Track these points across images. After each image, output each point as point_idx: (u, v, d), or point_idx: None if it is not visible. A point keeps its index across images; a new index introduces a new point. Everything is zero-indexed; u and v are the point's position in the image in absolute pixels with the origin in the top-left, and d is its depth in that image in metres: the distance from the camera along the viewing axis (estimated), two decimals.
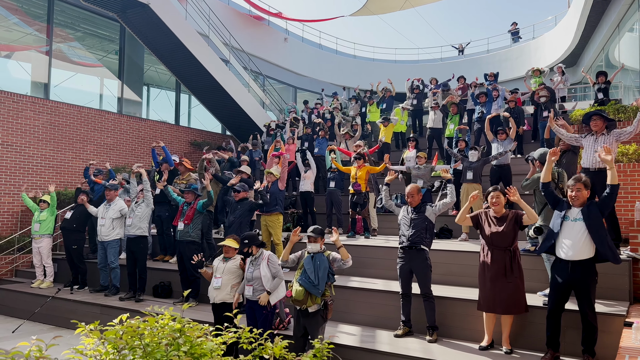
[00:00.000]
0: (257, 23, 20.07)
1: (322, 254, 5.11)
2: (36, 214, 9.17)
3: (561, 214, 4.71)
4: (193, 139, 16.27)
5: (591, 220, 4.49)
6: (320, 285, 4.89)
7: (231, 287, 5.78)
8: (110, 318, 7.46)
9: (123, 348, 2.05)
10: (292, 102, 20.25)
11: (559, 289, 4.62)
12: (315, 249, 5.11)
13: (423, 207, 5.74)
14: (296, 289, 4.96)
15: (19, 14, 12.29)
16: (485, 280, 5.09)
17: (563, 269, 4.58)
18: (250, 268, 5.59)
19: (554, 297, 4.66)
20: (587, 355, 4.51)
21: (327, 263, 5.04)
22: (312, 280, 4.90)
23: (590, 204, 4.60)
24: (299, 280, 4.99)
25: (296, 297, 4.93)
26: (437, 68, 23.99)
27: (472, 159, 8.69)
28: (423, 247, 5.57)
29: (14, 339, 7.18)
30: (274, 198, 7.97)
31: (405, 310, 5.76)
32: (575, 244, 4.51)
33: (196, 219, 7.50)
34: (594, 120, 6.07)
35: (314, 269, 4.95)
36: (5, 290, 9.02)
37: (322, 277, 4.92)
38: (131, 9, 12.40)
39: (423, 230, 5.61)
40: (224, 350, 2.31)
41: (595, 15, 16.29)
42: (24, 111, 11.63)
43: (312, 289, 4.88)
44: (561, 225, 4.64)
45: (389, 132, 12.09)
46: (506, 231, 5.02)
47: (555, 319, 4.67)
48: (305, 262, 5.09)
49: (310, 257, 5.08)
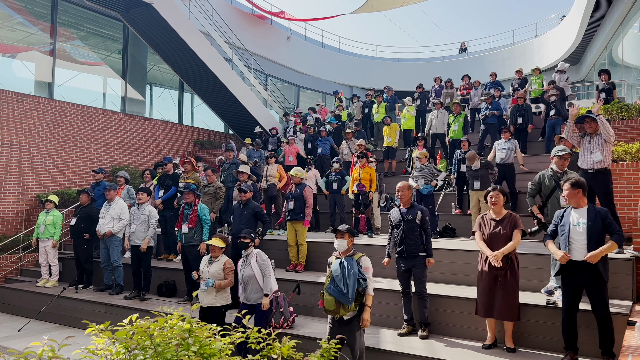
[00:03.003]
0: (260, 22, 20.09)
1: (352, 258, 4.71)
2: (42, 216, 9.20)
3: (565, 218, 4.74)
4: (196, 138, 16.31)
5: (594, 228, 4.54)
6: (349, 292, 4.51)
7: (216, 291, 5.75)
8: (116, 317, 7.51)
9: (134, 348, 2.08)
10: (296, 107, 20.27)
11: (571, 289, 4.64)
12: (343, 246, 4.74)
13: (414, 210, 5.70)
14: (326, 298, 4.62)
15: (23, 14, 12.34)
16: (481, 285, 5.17)
17: (573, 270, 4.60)
18: (242, 267, 5.63)
19: (568, 299, 4.68)
20: (607, 357, 4.52)
21: (356, 268, 4.63)
22: (340, 289, 4.54)
23: (596, 214, 4.60)
24: (327, 289, 4.63)
25: (327, 307, 4.61)
26: (439, 66, 23.98)
27: (474, 167, 8.59)
28: (421, 254, 5.64)
29: (20, 337, 7.23)
30: (299, 206, 7.88)
31: (407, 308, 5.82)
32: (581, 246, 4.55)
33: (199, 222, 7.49)
34: (587, 122, 6.12)
35: (342, 276, 4.58)
36: (11, 289, 9.08)
37: (352, 284, 4.55)
38: (134, 8, 12.43)
39: (417, 238, 5.64)
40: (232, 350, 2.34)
41: (598, 13, 16.26)
42: (28, 111, 11.68)
43: (342, 297, 4.52)
44: (569, 228, 4.66)
45: (393, 133, 12.04)
46: (504, 234, 5.05)
47: (571, 320, 4.68)
48: (333, 268, 4.68)
49: (339, 262, 4.67)
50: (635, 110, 8.96)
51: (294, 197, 7.93)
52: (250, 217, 7.25)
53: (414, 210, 5.71)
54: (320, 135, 12.51)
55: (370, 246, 7.59)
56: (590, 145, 6.12)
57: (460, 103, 11.88)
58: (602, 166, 5.97)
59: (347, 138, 12.02)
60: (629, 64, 15.72)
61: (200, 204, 7.59)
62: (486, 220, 5.26)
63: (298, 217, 7.85)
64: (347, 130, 12.29)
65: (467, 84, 14.73)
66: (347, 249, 4.78)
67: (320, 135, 12.51)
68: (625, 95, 14.71)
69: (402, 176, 11.51)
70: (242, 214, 7.30)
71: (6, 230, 11.06)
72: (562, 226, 4.73)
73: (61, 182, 12.18)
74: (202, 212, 7.51)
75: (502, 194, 5.20)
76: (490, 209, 5.29)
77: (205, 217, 7.51)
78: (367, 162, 9.10)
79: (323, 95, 23.72)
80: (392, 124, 12.17)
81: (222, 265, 5.74)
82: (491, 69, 18.32)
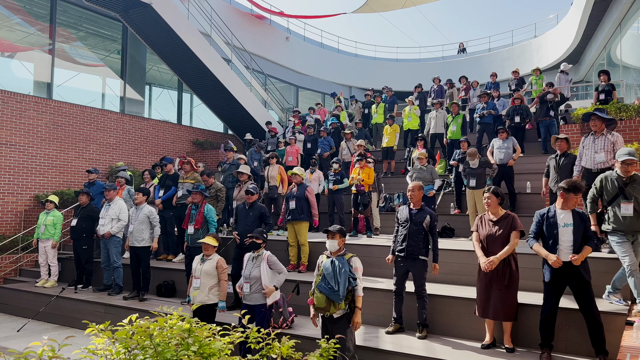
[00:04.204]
0: (259, 22, 20.10)
1: (343, 257, 4.77)
2: (42, 216, 9.19)
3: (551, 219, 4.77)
4: (195, 138, 16.31)
5: (578, 230, 4.61)
6: (340, 290, 4.58)
7: (209, 289, 5.77)
8: (115, 317, 7.51)
9: (134, 348, 2.09)
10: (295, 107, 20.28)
11: (556, 289, 4.72)
12: (334, 246, 4.79)
13: (423, 213, 5.70)
14: (317, 296, 4.68)
15: (21, 14, 12.33)
16: (480, 285, 5.19)
17: (560, 270, 4.66)
18: (250, 265, 5.62)
19: (552, 298, 4.74)
20: (602, 355, 4.55)
21: (347, 266, 4.70)
22: (332, 286, 4.60)
23: (580, 216, 4.66)
24: (318, 287, 4.69)
25: (318, 304, 4.66)
26: (438, 67, 23.99)
27: (473, 165, 8.60)
28: (422, 257, 5.64)
29: (19, 337, 7.23)
30: (300, 206, 7.87)
31: (398, 307, 5.85)
32: (568, 247, 4.62)
33: (205, 224, 7.48)
34: (593, 120, 6.09)
35: (333, 274, 4.63)
36: (10, 290, 9.08)
37: (343, 281, 4.61)
38: (133, 8, 12.44)
39: (421, 241, 5.64)
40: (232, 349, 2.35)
41: (597, 14, 16.28)
42: (27, 111, 11.67)
43: (332, 294, 4.58)
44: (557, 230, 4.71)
45: (393, 135, 12.03)
46: (501, 235, 5.05)
47: (552, 318, 4.77)
48: (324, 266, 4.74)
49: (330, 261, 4.74)
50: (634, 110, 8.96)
51: (296, 197, 7.92)
52: (256, 218, 7.23)
53: (423, 213, 5.70)
54: (320, 135, 12.52)
55: (369, 246, 7.60)
56: (595, 144, 6.11)
57: (459, 104, 11.88)
58: (607, 165, 5.98)
59: (347, 138, 12.04)
60: (628, 64, 15.74)
61: (207, 204, 7.58)
62: (484, 221, 5.27)
63: (299, 217, 7.84)
64: (346, 131, 12.31)
65: (465, 85, 14.76)
66: (339, 249, 4.83)
67: (320, 135, 12.52)
68: (623, 96, 14.73)
69: (402, 176, 11.52)
70: (247, 215, 7.26)
71: (5, 231, 11.06)
72: (549, 227, 4.75)
73: (60, 183, 12.18)
74: (209, 214, 7.50)
75: (495, 195, 5.18)
76: (487, 210, 5.29)
77: (212, 218, 7.50)
78: (366, 163, 9.12)
79: (322, 96, 23.74)
80: (394, 125, 12.19)
81: (215, 263, 5.81)
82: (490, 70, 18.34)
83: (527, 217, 8.45)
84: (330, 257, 4.80)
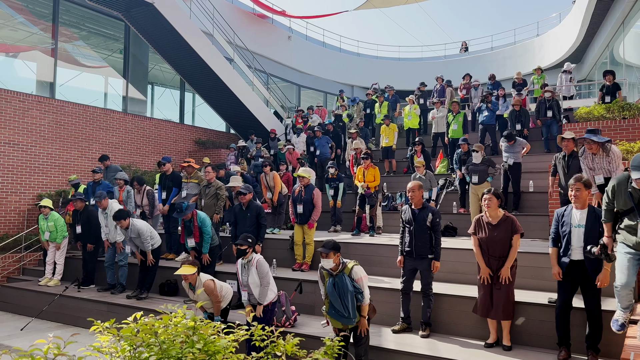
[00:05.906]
0: (261, 21, 20.10)
1: (343, 274, 4.64)
2: (42, 221, 9.13)
3: (566, 218, 4.76)
4: (197, 138, 16.33)
5: (592, 230, 4.57)
6: (351, 314, 4.56)
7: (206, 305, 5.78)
8: (118, 316, 7.52)
9: (140, 345, 2.09)
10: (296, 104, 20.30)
11: (568, 287, 4.72)
12: (329, 265, 4.67)
13: (426, 211, 5.69)
14: (331, 320, 4.77)
15: (24, 14, 12.36)
16: (480, 286, 5.22)
17: (571, 269, 4.66)
18: (243, 272, 5.59)
19: (563, 296, 4.74)
20: (592, 352, 4.58)
21: (350, 284, 4.57)
22: (342, 313, 4.57)
23: (596, 216, 4.61)
24: (329, 314, 4.67)
25: (335, 326, 4.80)
26: (441, 66, 23.97)
27: (475, 160, 8.62)
28: (430, 256, 5.64)
29: (22, 336, 7.25)
30: (309, 210, 7.80)
31: (405, 306, 5.84)
32: (579, 247, 4.61)
33: (202, 235, 7.42)
34: (588, 143, 6.11)
35: (339, 298, 4.54)
36: (13, 288, 9.10)
37: (351, 303, 4.54)
38: (136, 8, 12.46)
39: (427, 240, 5.63)
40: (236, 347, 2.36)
41: (599, 12, 16.24)
42: (30, 110, 11.70)
43: (345, 320, 4.61)
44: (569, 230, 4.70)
45: (392, 134, 12.03)
46: (501, 238, 5.05)
47: (565, 316, 4.75)
48: (328, 290, 4.65)
49: (332, 284, 4.61)
50: (637, 109, 8.93)
51: (304, 201, 7.81)
52: (254, 218, 7.20)
53: (425, 211, 5.69)
54: (315, 136, 12.53)
55: (372, 245, 7.61)
56: (594, 163, 6.13)
57: (460, 103, 11.87)
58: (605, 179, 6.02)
59: (353, 138, 12.02)
60: (631, 63, 15.70)
61: (199, 213, 7.45)
62: (482, 224, 5.25)
63: (307, 222, 7.82)
64: (351, 130, 12.30)
65: (467, 83, 14.74)
66: (335, 265, 4.69)
67: (315, 136, 12.53)
68: (626, 95, 14.70)
69: (403, 175, 11.52)
70: (245, 217, 7.23)
71: (8, 230, 11.09)
72: (562, 226, 4.75)
73: (63, 182, 12.20)
74: (202, 224, 7.40)
75: (495, 197, 5.17)
76: (485, 212, 5.27)
77: (206, 228, 7.40)
78: (370, 163, 9.13)
79: (324, 95, 23.74)
80: (391, 125, 12.17)
81: (204, 289, 5.70)
82: (492, 68, 18.35)
83: (529, 217, 8.47)
84: (331, 276, 4.70)
